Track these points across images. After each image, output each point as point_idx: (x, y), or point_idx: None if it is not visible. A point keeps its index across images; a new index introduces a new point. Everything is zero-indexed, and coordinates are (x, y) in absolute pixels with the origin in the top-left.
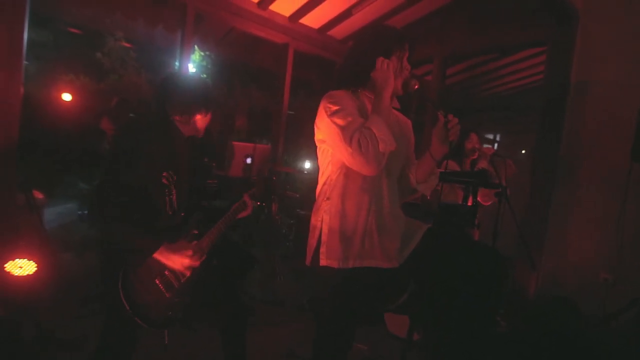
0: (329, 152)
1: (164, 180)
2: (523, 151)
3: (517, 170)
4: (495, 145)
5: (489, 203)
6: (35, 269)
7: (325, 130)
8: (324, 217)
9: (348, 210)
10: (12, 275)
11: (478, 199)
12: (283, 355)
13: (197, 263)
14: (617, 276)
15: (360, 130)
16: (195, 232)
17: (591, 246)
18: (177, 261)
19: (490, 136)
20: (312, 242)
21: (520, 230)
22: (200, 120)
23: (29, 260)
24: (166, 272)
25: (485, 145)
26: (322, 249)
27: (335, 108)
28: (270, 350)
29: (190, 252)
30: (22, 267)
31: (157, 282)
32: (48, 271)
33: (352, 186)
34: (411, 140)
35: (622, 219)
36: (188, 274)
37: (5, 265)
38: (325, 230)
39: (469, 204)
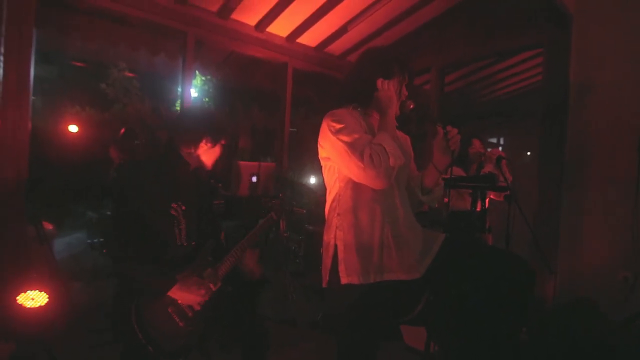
0: (335, 169)
1: (172, 212)
2: (529, 153)
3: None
4: (500, 148)
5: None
6: (47, 300)
7: (330, 148)
8: (337, 234)
9: (362, 222)
10: (24, 307)
11: (492, 196)
12: None
13: (206, 298)
14: (637, 274)
15: (370, 145)
16: (209, 259)
17: (607, 245)
18: (190, 298)
19: (494, 140)
20: (326, 261)
21: (533, 232)
22: (206, 151)
23: (40, 291)
24: (179, 302)
25: (490, 149)
26: (341, 267)
27: (339, 126)
28: None
29: (202, 291)
30: (34, 298)
31: (170, 311)
32: (59, 302)
33: (362, 198)
34: (411, 154)
35: (636, 216)
36: (198, 308)
37: (18, 297)
38: (340, 247)
39: (478, 209)
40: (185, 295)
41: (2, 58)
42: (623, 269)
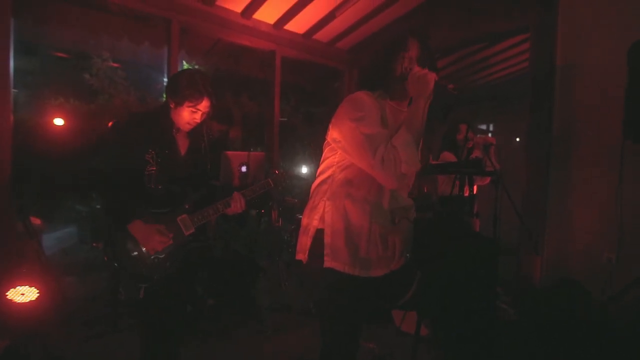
0: (338, 153)
1: (147, 157)
2: (518, 139)
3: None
4: (489, 134)
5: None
6: (38, 295)
7: (347, 134)
8: (324, 218)
9: (351, 214)
10: (15, 302)
11: (478, 182)
12: None
13: (164, 244)
14: (620, 255)
15: (385, 145)
16: (187, 206)
17: (593, 226)
18: (143, 239)
19: (484, 126)
20: (304, 240)
21: (519, 215)
22: (173, 110)
23: (30, 286)
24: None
25: (479, 135)
26: (327, 251)
27: (359, 114)
28: (281, 357)
29: (161, 237)
30: (24, 294)
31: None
32: (50, 296)
33: (355, 193)
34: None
35: (620, 198)
36: (152, 253)
37: (7, 293)
38: (328, 231)
39: (466, 194)
40: (141, 236)
41: None
42: (607, 249)
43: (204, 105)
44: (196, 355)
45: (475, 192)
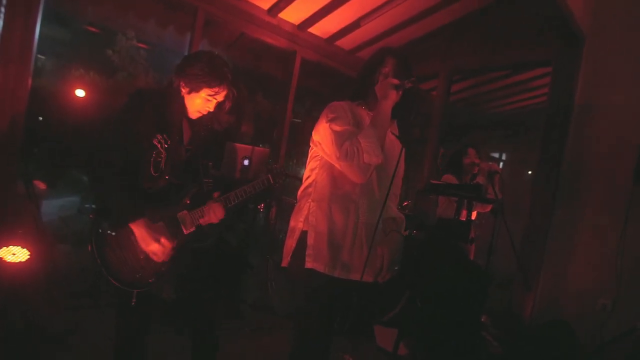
0: (319, 156)
1: (155, 142)
2: (530, 172)
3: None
4: (501, 164)
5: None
6: (28, 256)
7: (322, 133)
8: (309, 219)
9: (335, 215)
10: (4, 261)
11: (478, 209)
12: None
13: (160, 253)
14: (615, 303)
15: (350, 139)
16: (187, 202)
17: (591, 270)
18: (146, 241)
19: (496, 154)
20: (290, 243)
21: (515, 248)
22: (185, 95)
23: (22, 248)
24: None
25: (486, 162)
26: (309, 252)
27: (332, 116)
28: (257, 356)
29: (163, 239)
30: (15, 253)
31: (133, 240)
32: (41, 261)
33: (339, 192)
34: (399, 162)
35: (622, 244)
36: (154, 258)
37: None
38: (311, 233)
39: (463, 218)
40: (146, 237)
41: (2, 10)
42: (602, 295)
43: (223, 94)
44: (172, 347)
45: (474, 217)
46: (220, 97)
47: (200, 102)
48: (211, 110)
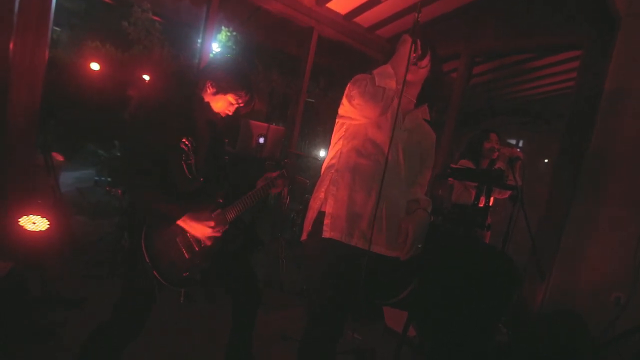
0: (344, 127)
1: (182, 146)
2: (546, 160)
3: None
4: (518, 150)
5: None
6: (48, 226)
7: (344, 97)
8: (329, 188)
9: (357, 184)
10: (25, 229)
11: (496, 195)
12: (277, 337)
13: (218, 234)
14: (630, 297)
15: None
16: (220, 201)
17: (607, 264)
18: (199, 230)
19: (513, 141)
20: (311, 214)
21: (532, 236)
22: (209, 96)
23: (42, 217)
24: (188, 234)
25: (507, 147)
26: (327, 221)
27: (354, 80)
28: (265, 331)
29: (212, 223)
30: (35, 222)
31: (178, 241)
32: (59, 230)
33: (363, 162)
34: (429, 152)
35: None
36: (208, 243)
37: (20, 219)
38: (331, 201)
39: (481, 204)
40: (196, 226)
41: None
42: (617, 288)
43: (245, 101)
44: (180, 316)
45: (491, 203)
46: (242, 104)
47: (222, 105)
48: (230, 114)
